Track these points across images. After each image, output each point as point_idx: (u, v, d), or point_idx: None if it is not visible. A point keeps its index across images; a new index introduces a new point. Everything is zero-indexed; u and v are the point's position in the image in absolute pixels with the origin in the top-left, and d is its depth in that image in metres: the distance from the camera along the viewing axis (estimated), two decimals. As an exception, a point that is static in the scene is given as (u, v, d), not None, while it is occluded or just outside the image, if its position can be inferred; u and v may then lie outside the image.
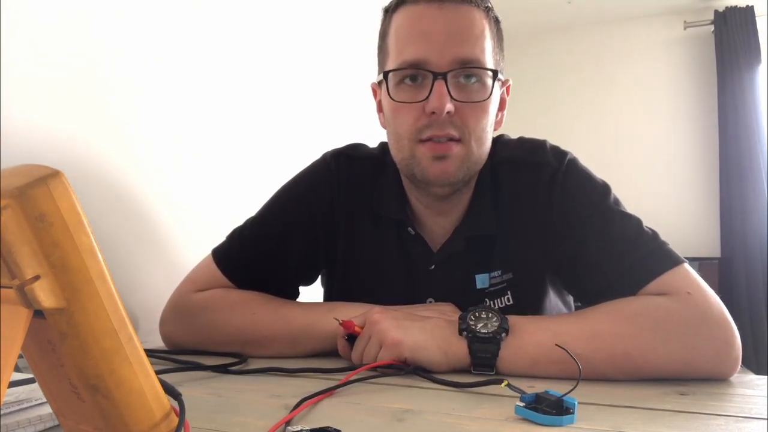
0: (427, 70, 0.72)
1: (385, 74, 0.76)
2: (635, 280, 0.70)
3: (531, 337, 0.67)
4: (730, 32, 3.08)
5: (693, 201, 3.21)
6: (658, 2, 3.15)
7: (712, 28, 3.15)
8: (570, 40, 3.40)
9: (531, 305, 0.84)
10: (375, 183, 0.87)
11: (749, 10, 3.07)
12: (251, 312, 0.80)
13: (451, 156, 0.74)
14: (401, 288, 0.85)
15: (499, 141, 0.85)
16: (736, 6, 3.09)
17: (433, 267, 0.84)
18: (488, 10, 0.76)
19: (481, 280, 0.83)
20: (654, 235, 0.73)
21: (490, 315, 0.69)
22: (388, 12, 0.78)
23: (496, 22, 0.78)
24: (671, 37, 3.27)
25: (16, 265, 0.32)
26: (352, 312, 0.76)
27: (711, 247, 3.15)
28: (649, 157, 3.25)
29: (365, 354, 0.71)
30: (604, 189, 0.78)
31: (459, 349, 0.68)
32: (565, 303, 0.92)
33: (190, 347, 0.82)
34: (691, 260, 3.08)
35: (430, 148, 0.74)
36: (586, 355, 0.63)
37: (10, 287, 0.32)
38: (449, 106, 0.71)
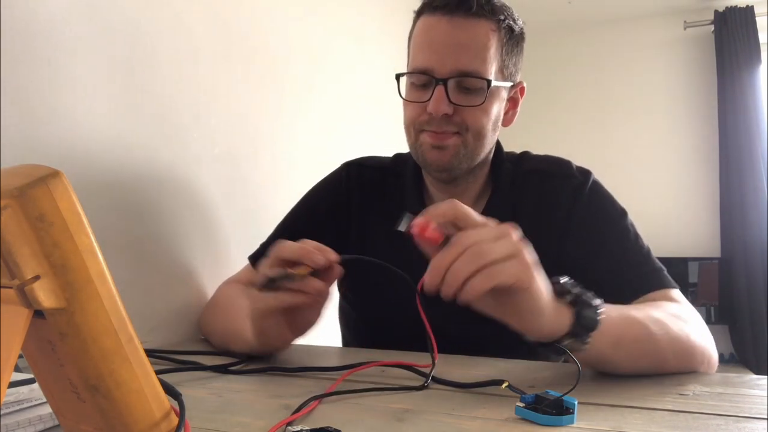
0: (431, 76, 0.81)
1: (398, 76, 0.88)
2: (641, 286, 0.79)
3: (614, 313, 0.66)
4: (730, 32, 3.07)
5: (693, 201, 3.20)
6: (658, 2, 3.14)
7: (712, 28, 3.14)
8: (570, 40, 3.40)
9: None
10: (384, 186, 0.98)
11: (749, 10, 3.06)
12: (225, 312, 0.92)
13: (448, 147, 0.84)
14: (410, 267, 0.85)
15: (525, 155, 0.97)
16: (736, 6, 3.08)
17: None
18: (500, 21, 0.83)
19: None
20: (660, 263, 0.83)
21: (579, 286, 0.64)
22: (415, 16, 0.87)
23: (509, 31, 0.85)
24: (671, 37, 3.27)
25: (16, 265, 0.32)
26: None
27: (711, 247, 3.15)
28: (648, 156, 3.25)
29: (486, 250, 0.56)
30: (623, 211, 0.88)
31: (562, 313, 0.61)
32: None
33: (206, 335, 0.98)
34: (691, 260, 3.10)
35: (430, 136, 0.84)
36: (654, 329, 0.67)
37: (10, 287, 0.32)
38: (445, 109, 0.81)
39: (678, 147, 3.23)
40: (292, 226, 0.99)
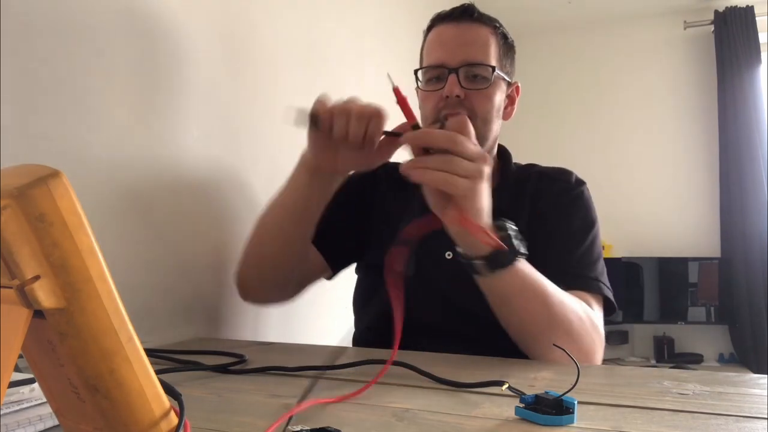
0: (445, 68, 0.95)
1: (416, 71, 1.01)
2: (567, 279, 0.88)
3: (535, 273, 0.81)
4: (730, 32, 3.07)
5: (693, 201, 3.20)
6: (658, 2, 3.14)
7: (712, 28, 3.14)
8: (570, 40, 3.39)
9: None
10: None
11: (749, 10, 3.06)
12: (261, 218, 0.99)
13: None
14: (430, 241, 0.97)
15: (533, 164, 1.12)
16: (736, 6, 3.08)
17: None
18: (496, 28, 1.00)
19: None
20: (599, 276, 0.94)
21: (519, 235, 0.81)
22: (426, 31, 1.03)
23: (504, 37, 1.02)
24: (671, 37, 3.27)
25: (16, 265, 0.32)
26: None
27: (711, 247, 3.14)
28: (649, 156, 3.24)
29: (456, 162, 0.73)
30: (593, 222, 1.01)
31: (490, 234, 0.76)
32: None
33: (252, 277, 1.01)
34: (691, 260, 3.09)
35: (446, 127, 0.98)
36: (557, 306, 0.80)
37: (10, 287, 0.32)
38: (458, 91, 0.94)
39: (678, 147, 3.23)
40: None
